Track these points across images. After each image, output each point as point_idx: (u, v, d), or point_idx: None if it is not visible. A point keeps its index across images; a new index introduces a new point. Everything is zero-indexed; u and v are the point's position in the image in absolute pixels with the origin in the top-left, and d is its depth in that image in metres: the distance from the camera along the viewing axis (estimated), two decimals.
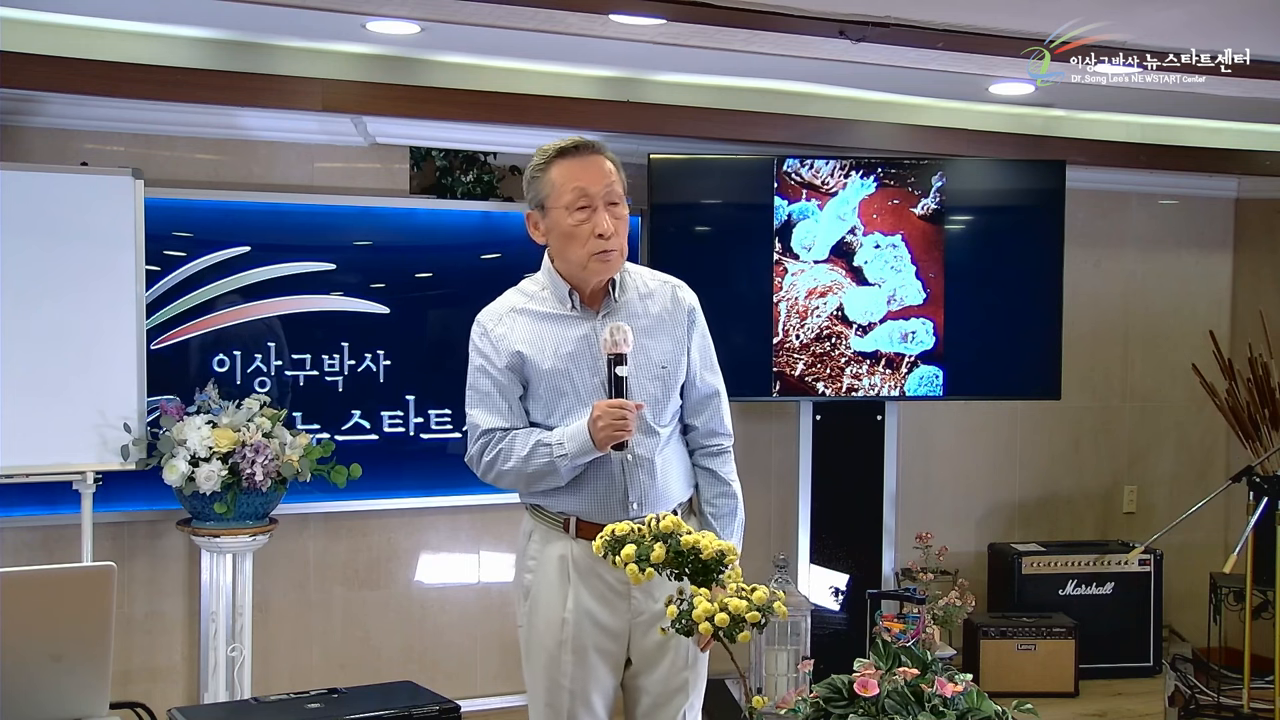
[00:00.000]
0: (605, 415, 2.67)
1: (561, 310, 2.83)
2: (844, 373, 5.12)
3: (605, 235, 2.74)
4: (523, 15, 3.78)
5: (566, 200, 2.74)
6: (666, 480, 2.84)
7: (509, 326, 2.83)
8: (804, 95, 5.20)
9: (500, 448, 2.80)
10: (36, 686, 2.55)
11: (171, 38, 4.38)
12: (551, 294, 2.84)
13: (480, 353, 2.86)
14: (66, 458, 4.23)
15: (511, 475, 2.81)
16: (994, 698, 2.17)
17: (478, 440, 2.85)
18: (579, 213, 2.74)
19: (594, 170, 2.76)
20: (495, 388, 2.83)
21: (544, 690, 2.84)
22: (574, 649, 2.79)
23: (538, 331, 2.82)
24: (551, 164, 2.76)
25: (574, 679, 2.80)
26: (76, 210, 4.26)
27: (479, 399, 2.85)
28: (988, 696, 2.15)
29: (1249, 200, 6.38)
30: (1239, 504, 5.10)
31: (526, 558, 2.90)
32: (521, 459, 2.77)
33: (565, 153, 2.77)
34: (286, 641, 4.91)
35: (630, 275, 2.88)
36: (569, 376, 2.79)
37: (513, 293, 2.91)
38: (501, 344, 2.82)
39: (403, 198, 5.05)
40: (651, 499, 2.80)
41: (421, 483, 5.02)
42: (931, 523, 5.50)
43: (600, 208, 2.74)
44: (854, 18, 3.91)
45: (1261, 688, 4.79)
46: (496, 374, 2.82)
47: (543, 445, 2.75)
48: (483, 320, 2.88)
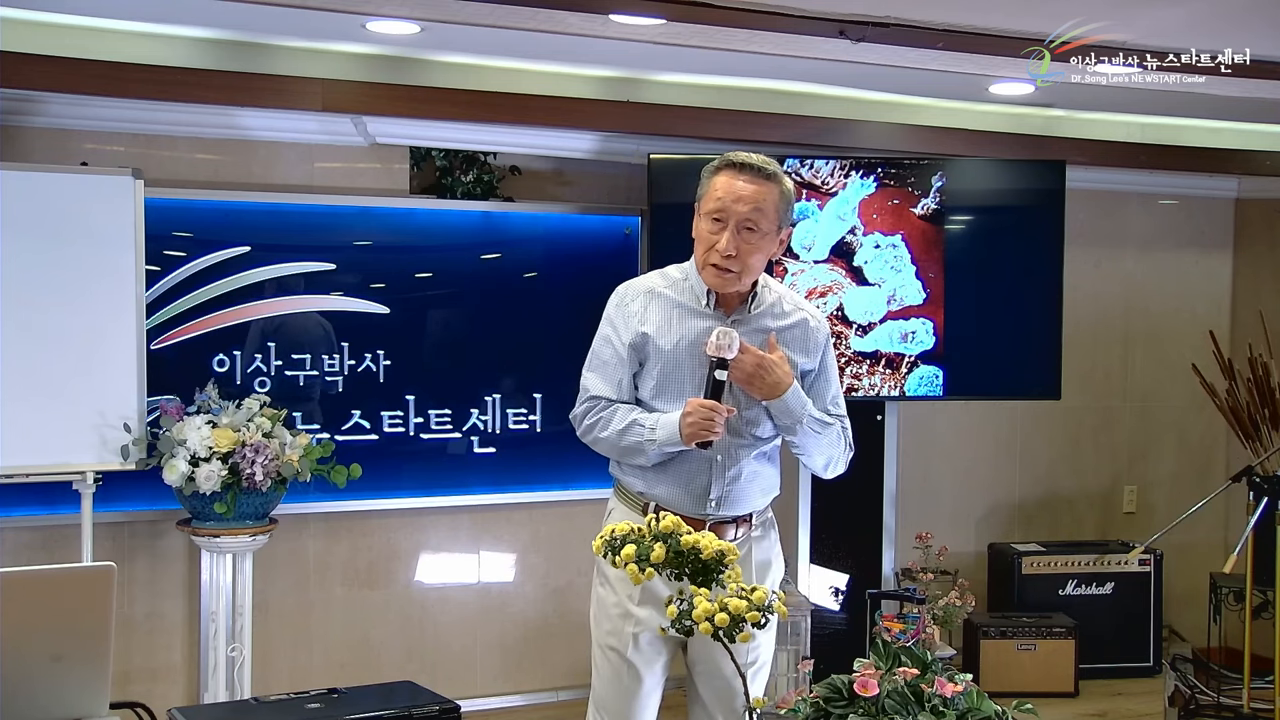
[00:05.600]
0: (696, 413, 2.80)
1: (696, 304, 2.94)
2: (844, 373, 5.12)
3: (723, 252, 2.84)
4: (523, 15, 3.78)
5: (708, 208, 2.88)
6: (750, 487, 2.96)
7: (643, 305, 2.96)
8: (804, 95, 5.20)
9: (601, 415, 2.94)
10: (36, 686, 2.55)
11: (171, 38, 4.38)
12: (691, 287, 2.96)
13: (610, 322, 2.99)
14: (66, 458, 4.23)
15: (605, 444, 2.96)
16: (994, 698, 2.17)
17: (584, 403, 2.99)
18: (714, 223, 2.87)
19: (743, 191, 2.86)
20: (615, 359, 2.96)
21: (604, 658, 2.98)
22: (636, 622, 2.90)
23: (668, 316, 2.94)
24: (718, 172, 2.90)
25: (633, 650, 2.92)
26: (76, 210, 4.26)
27: (597, 365, 2.99)
28: (988, 696, 2.15)
29: (1249, 200, 6.38)
30: (1239, 504, 5.09)
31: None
32: (618, 432, 2.91)
33: (733, 166, 2.89)
34: (286, 641, 4.91)
35: (771, 292, 3.01)
36: (684, 366, 2.91)
37: (656, 275, 3.04)
38: (632, 321, 2.94)
39: (403, 198, 5.05)
40: (730, 500, 2.93)
41: (421, 483, 5.02)
42: (931, 522, 5.50)
43: (731, 226, 2.84)
44: (854, 18, 3.91)
45: (1261, 688, 4.79)
46: (620, 347, 2.95)
47: (638, 425, 2.89)
48: (621, 293, 3.02)
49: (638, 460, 2.92)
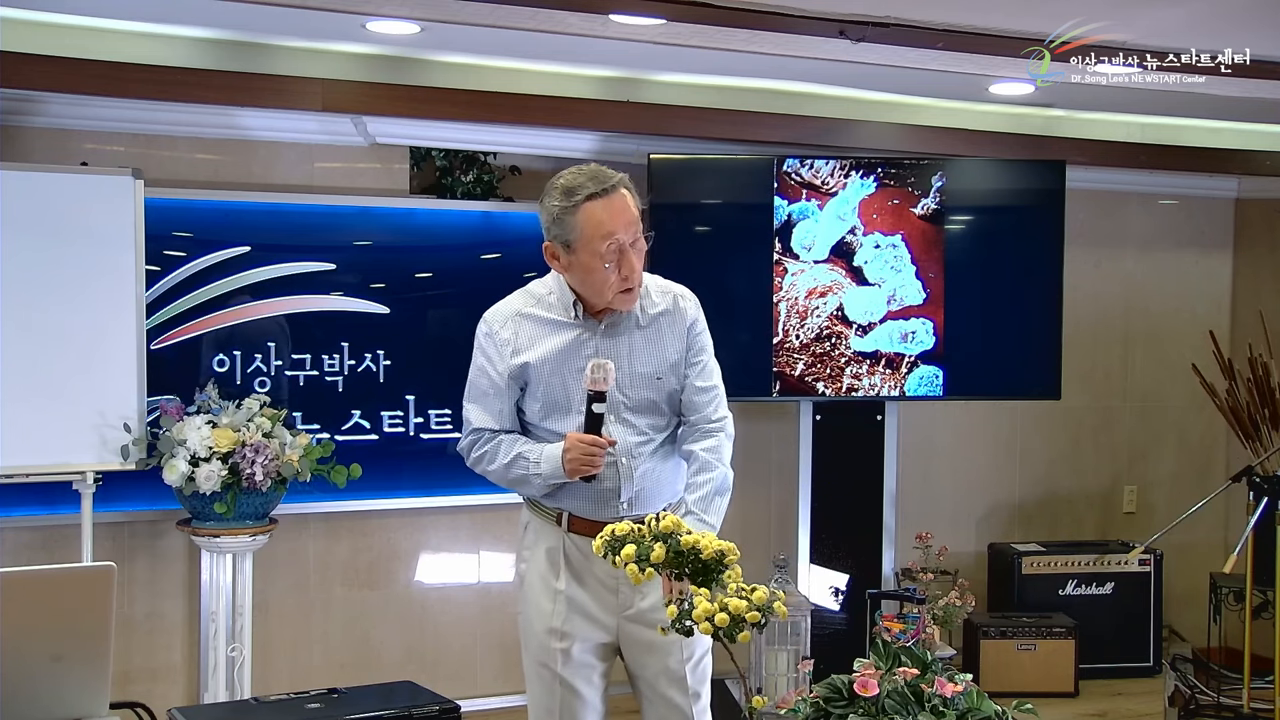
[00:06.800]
0: (575, 449, 2.76)
1: (565, 316, 2.87)
2: (844, 373, 5.12)
3: (634, 279, 2.79)
4: (523, 15, 3.78)
5: (598, 248, 2.74)
6: (658, 482, 2.91)
7: (514, 331, 2.87)
8: (804, 95, 5.20)
9: (486, 449, 2.91)
10: (36, 686, 2.55)
11: (171, 38, 4.38)
12: (558, 300, 2.88)
13: (484, 353, 2.91)
14: (66, 458, 4.23)
15: (494, 476, 2.94)
16: (994, 698, 2.17)
17: (469, 435, 2.95)
18: (608, 258, 2.75)
19: (623, 214, 2.76)
20: (492, 389, 2.89)
21: (536, 676, 2.94)
22: (562, 636, 2.87)
23: (540, 335, 2.86)
24: (581, 206, 2.74)
25: (563, 665, 2.87)
26: (76, 210, 4.26)
27: (476, 396, 2.93)
28: (988, 696, 2.15)
29: (1249, 200, 6.37)
30: (1239, 504, 5.09)
31: (522, 548, 3.00)
32: (503, 465, 2.88)
33: (594, 196, 2.74)
34: (286, 641, 4.91)
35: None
36: (566, 383, 2.84)
37: (520, 295, 2.94)
38: (505, 349, 2.87)
39: (403, 198, 5.05)
40: (641, 500, 2.87)
41: (421, 483, 5.02)
42: (931, 523, 5.49)
43: (628, 251, 2.76)
44: (854, 18, 3.91)
45: (1261, 688, 4.79)
46: (496, 377, 2.88)
47: (522, 458, 2.85)
48: (489, 321, 2.92)
49: (528, 491, 2.89)
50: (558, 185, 2.78)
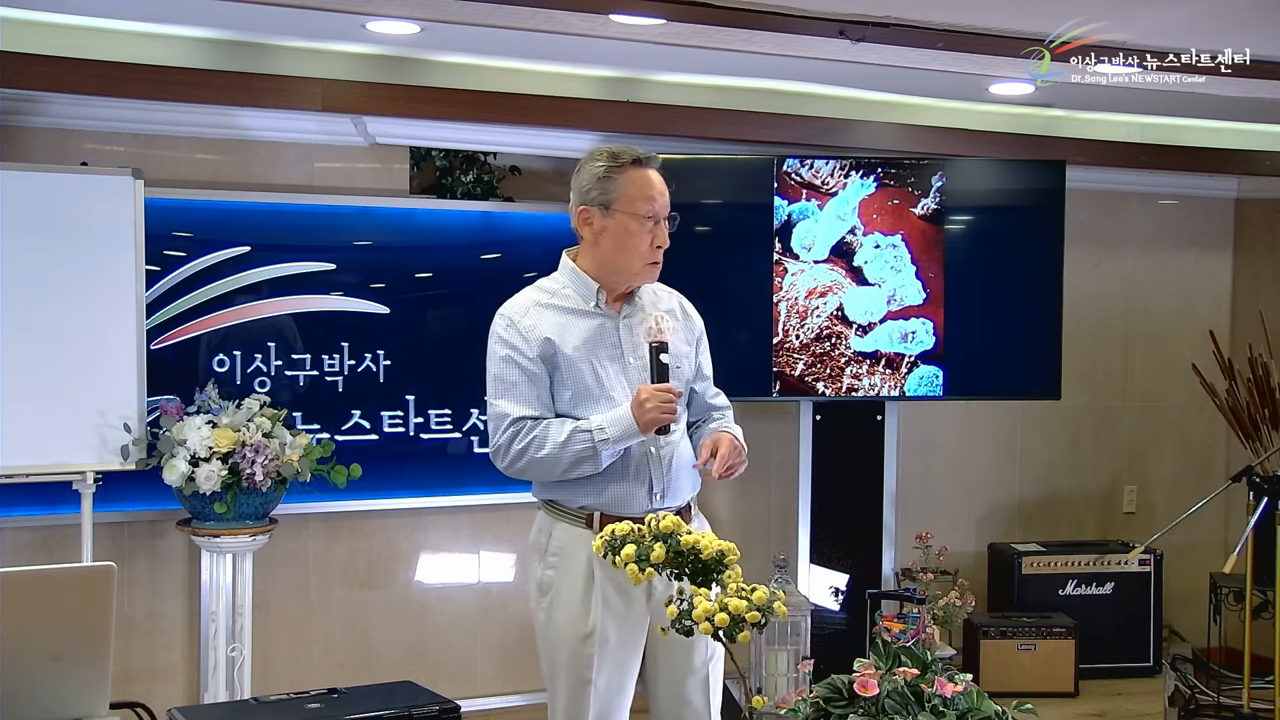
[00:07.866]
0: (653, 398, 2.76)
1: (585, 306, 2.91)
2: (844, 373, 5.12)
3: (662, 248, 2.89)
4: (523, 15, 3.78)
5: (640, 209, 2.85)
6: (682, 471, 2.94)
7: (536, 319, 2.89)
8: (804, 95, 5.20)
9: (534, 435, 2.82)
10: (36, 686, 2.55)
11: (171, 38, 4.38)
12: (574, 291, 2.92)
13: (507, 344, 2.88)
14: (66, 458, 4.23)
15: (545, 463, 2.82)
16: (994, 698, 2.17)
17: (506, 429, 2.85)
18: (647, 222, 2.85)
19: (660, 185, 2.89)
20: (525, 376, 2.86)
21: (566, 683, 2.88)
22: (599, 641, 2.84)
23: (563, 323, 2.89)
24: (626, 169, 2.85)
25: (599, 671, 2.84)
26: (76, 210, 4.26)
27: (506, 389, 2.87)
28: (988, 696, 2.15)
29: (1249, 200, 6.37)
30: (1239, 504, 5.09)
31: (547, 554, 2.92)
32: (558, 445, 2.79)
33: (640, 162, 2.87)
34: (286, 641, 4.91)
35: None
36: (594, 369, 2.86)
37: (533, 289, 2.98)
38: (531, 334, 2.87)
39: (403, 198, 5.05)
40: (672, 489, 2.90)
41: (421, 483, 5.02)
42: (931, 523, 5.50)
43: (662, 222, 2.88)
44: (854, 18, 3.91)
45: (1261, 688, 4.79)
46: (527, 363, 2.86)
47: (581, 431, 2.79)
48: (508, 313, 2.92)
49: (585, 471, 2.81)
50: (603, 151, 2.90)
